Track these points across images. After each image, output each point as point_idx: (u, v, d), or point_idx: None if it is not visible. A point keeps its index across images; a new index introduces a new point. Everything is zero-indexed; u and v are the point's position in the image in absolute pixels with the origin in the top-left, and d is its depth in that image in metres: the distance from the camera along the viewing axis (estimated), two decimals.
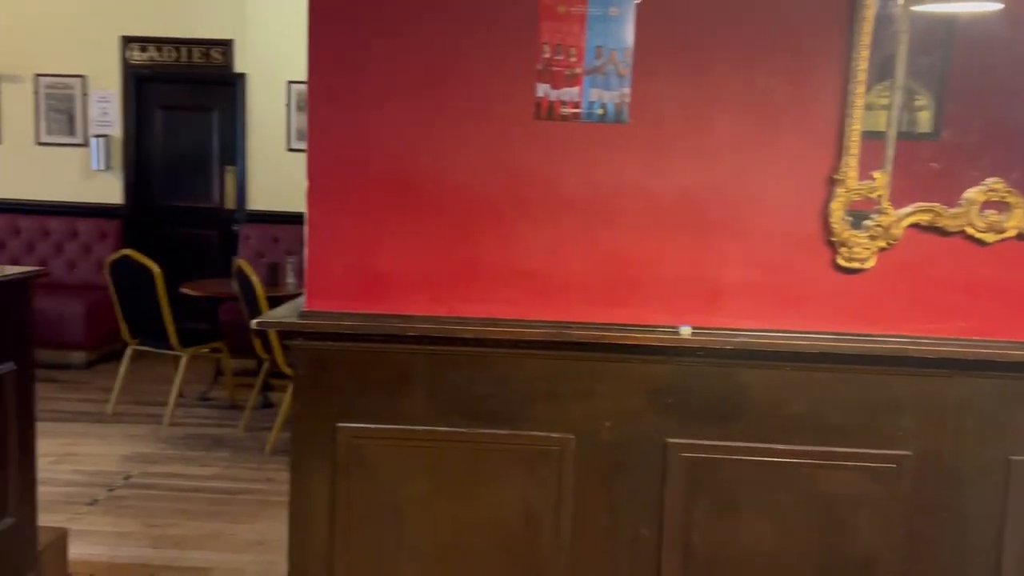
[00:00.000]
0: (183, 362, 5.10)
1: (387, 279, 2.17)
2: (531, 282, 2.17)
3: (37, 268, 2.83)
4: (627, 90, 2.11)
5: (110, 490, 4.00)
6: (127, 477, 4.18)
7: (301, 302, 2.22)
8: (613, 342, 2.13)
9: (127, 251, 5.03)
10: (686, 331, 2.13)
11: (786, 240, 2.13)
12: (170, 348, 5.07)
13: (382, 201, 2.16)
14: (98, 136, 6.71)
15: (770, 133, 2.10)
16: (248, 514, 3.78)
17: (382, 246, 2.16)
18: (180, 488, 4.08)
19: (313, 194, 2.16)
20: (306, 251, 2.17)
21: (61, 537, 3.10)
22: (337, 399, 2.17)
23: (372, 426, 2.17)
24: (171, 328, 4.98)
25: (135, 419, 5.10)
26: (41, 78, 6.70)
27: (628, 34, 2.09)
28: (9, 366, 2.61)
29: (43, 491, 3.84)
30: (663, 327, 2.15)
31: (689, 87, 2.09)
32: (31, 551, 2.81)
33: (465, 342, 2.12)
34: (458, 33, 2.11)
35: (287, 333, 2.16)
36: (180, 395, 5.27)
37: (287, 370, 4.25)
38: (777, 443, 2.16)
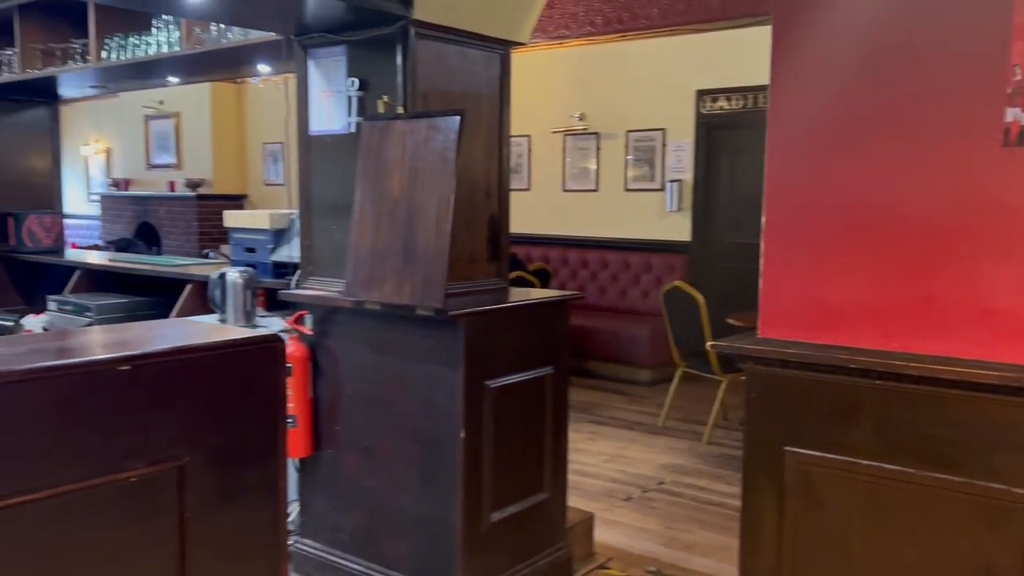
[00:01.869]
0: (723, 386, 5.49)
1: (837, 311, 2.22)
2: (996, 321, 2.01)
3: (575, 292, 3.46)
4: None
5: (644, 491, 4.55)
6: (660, 483, 4.69)
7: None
8: None
9: (677, 282, 5.62)
10: None
11: None
12: (712, 373, 5.50)
13: (835, 234, 2.22)
14: (672, 181, 7.55)
15: None
16: None
17: (833, 279, 2.22)
18: (702, 500, 4.44)
19: (769, 228, 2.32)
20: (761, 282, 2.34)
21: (588, 520, 3.69)
22: (785, 423, 2.28)
23: (818, 454, 2.23)
24: (713, 354, 5.41)
25: (679, 434, 5.65)
26: (630, 133, 7.81)
27: None
28: (548, 369, 3.25)
29: (591, 483, 4.59)
30: None
31: None
32: (560, 525, 3.42)
33: (915, 380, 2.06)
34: (916, 64, 2.07)
35: (740, 357, 2.34)
36: (723, 418, 5.69)
37: None
38: None
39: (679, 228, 7.57)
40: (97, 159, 12.48)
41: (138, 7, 3.85)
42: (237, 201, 10.64)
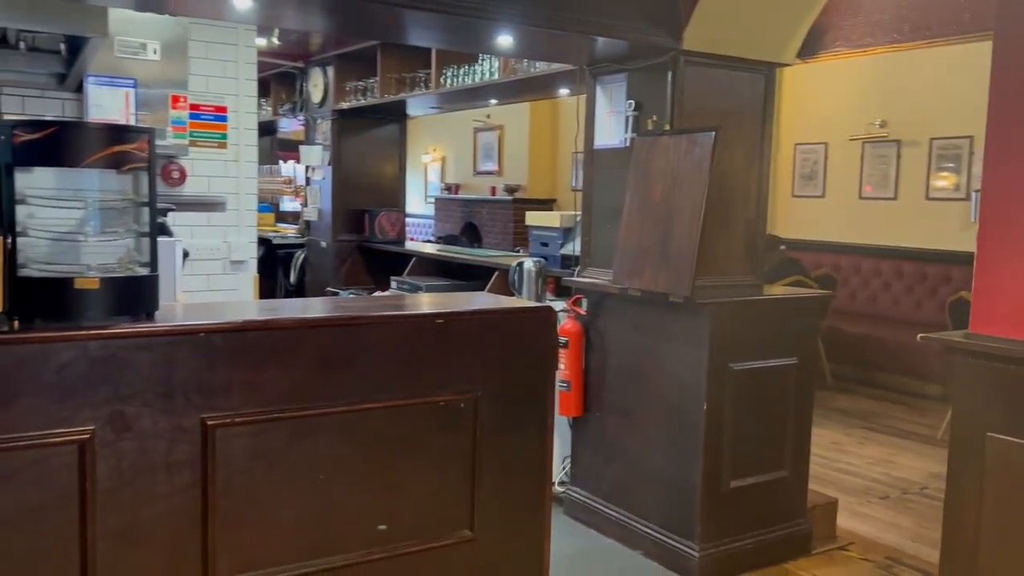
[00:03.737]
0: None
1: None
2: None
3: (824, 292, 3.76)
4: None
5: (903, 493, 4.65)
6: (923, 488, 4.74)
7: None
8: None
9: (964, 292, 5.52)
10: None
11: None
12: None
13: None
14: (979, 190, 7.22)
15: None
16: None
17: None
18: None
19: (983, 232, 2.54)
20: (974, 282, 2.56)
21: (831, 504, 3.95)
22: (988, 412, 2.50)
23: (1019, 441, 2.43)
24: None
25: None
26: (934, 141, 7.60)
27: None
28: (792, 360, 3.59)
29: (850, 480, 4.80)
30: None
31: None
32: (800, 503, 3.74)
33: None
34: None
35: (949, 349, 2.58)
36: None
37: None
38: None
39: None
40: (434, 166, 14.27)
41: (468, 50, 4.75)
42: (547, 205, 11.68)
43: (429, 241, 11.72)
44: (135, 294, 2.31)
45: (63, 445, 2.17)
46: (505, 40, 3.67)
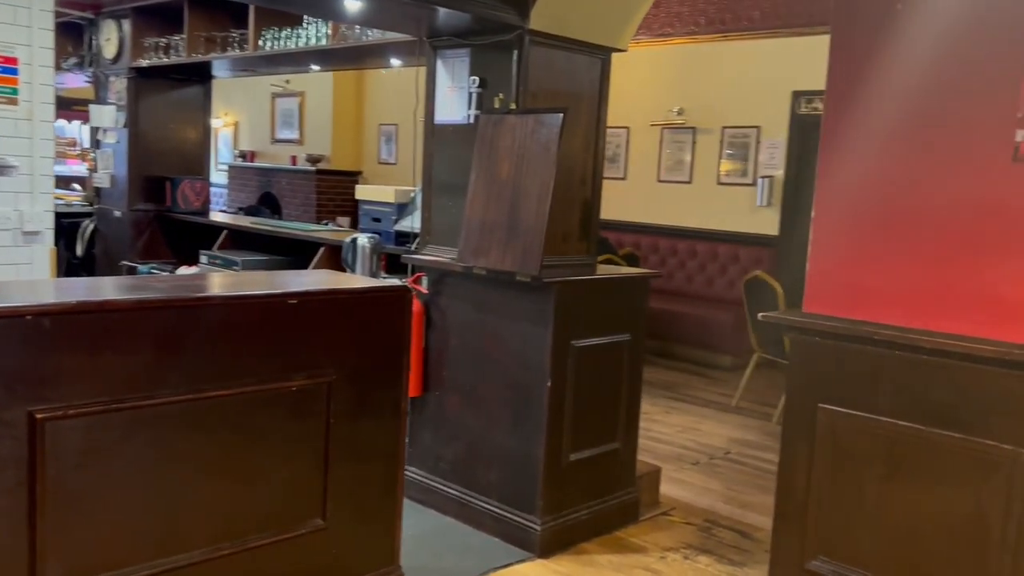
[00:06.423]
0: None
1: (870, 293, 2.64)
2: (998, 306, 2.40)
3: (654, 271, 3.94)
4: None
5: (711, 458, 4.99)
6: (727, 453, 5.12)
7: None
8: None
9: (758, 272, 6.00)
10: None
11: None
12: (786, 359, 5.86)
13: (872, 229, 2.64)
14: (764, 177, 7.87)
15: None
16: None
17: (868, 266, 2.64)
18: (765, 471, 4.84)
19: (817, 220, 2.75)
20: (808, 265, 2.77)
21: (655, 472, 4.17)
22: (819, 385, 2.72)
23: (844, 411, 2.67)
24: (787, 341, 5.77)
25: (750, 414, 6.04)
26: (726, 129, 8.16)
27: None
28: (626, 336, 3.74)
29: (664, 448, 5.07)
30: None
31: None
32: (630, 473, 3.91)
33: (927, 352, 2.48)
34: (940, 88, 2.47)
35: (786, 328, 2.79)
36: None
37: None
38: None
39: (768, 222, 7.89)
40: (225, 132, 13.49)
41: (298, 11, 4.50)
42: (352, 177, 11.40)
43: (223, 211, 11.08)
44: None
45: None
46: (339, 4, 3.51)
